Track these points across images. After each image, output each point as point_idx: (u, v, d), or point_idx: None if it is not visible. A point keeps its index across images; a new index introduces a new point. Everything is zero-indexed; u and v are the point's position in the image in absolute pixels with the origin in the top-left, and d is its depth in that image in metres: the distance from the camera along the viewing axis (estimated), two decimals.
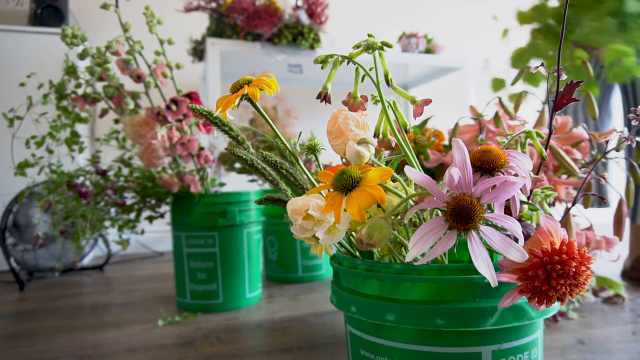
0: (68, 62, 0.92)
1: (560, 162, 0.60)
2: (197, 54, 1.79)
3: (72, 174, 0.96)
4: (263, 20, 1.59)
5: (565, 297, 0.32)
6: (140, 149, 0.89)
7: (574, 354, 0.68)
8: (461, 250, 0.39)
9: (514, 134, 0.44)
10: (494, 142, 0.72)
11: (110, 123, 1.21)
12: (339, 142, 0.42)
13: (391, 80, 0.41)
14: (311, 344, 0.75)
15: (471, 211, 0.32)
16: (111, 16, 1.12)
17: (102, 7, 0.84)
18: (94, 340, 0.81)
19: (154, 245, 1.90)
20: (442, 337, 0.37)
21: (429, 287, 0.36)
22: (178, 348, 0.75)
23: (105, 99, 0.93)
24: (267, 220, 1.24)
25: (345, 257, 0.44)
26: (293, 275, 1.21)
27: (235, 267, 0.96)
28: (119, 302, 1.07)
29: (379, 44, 0.40)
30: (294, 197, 0.41)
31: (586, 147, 0.73)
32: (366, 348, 0.41)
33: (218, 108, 0.42)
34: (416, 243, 0.33)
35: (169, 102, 0.87)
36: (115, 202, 0.95)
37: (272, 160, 0.46)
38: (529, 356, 0.38)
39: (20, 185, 1.35)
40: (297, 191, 0.48)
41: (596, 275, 0.97)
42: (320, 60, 0.40)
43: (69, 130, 0.97)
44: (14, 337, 0.84)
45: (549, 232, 0.33)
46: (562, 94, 0.44)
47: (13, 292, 1.21)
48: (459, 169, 0.34)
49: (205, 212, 0.94)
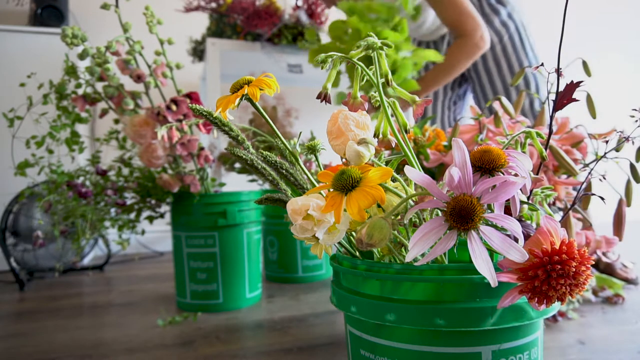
0: (68, 62, 0.92)
1: (560, 162, 0.60)
2: (197, 54, 1.79)
3: (72, 174, 0.96)
4: (263, 20, 1.59)
5: (565, 297, 0.32)
6: (140, 149, 0.89)
7: (574, 354, 0.68)
8: (461, 250, 0.38)
9: (514, 134, 0.44)
10: (494, 142, 0.72)
11: (110, 123, 1.21)
12: (339, 142, 0.42)
13: (391, 80, 0.41)
14: (311, 344, 0.75)
15: (471, 211, 0.32)
16: (111, 16, 1.12)
17: (102, 7, 0.84)
18: (94, 340, 0.81)
19: (154, 245, 1.90)
20: (442, 337, 0.37)
21: (429, 287, 0.36)
22: (178, 348, 0.75)
23: (105, 99, 0.93)
24: (267, 220, 1.24)
25: (345, 257, 0.44)
26: (293, 275, 1.21)
27: (235, 267, 0.96)
28: (119, 302, 1.07)
29: (378, 44, 0.40)
30: (294, 197, 0.41)
31: (586, 147, 0.73)
32: (366, 348, 0.41)
33: (218, 108, 0.42)
34: (416, 243, 0.33)
35: (169, 102, 0.87)
36: (115, 202, 0.95)
37: (272, 160, 0.46)
38: (529, 356, 0.38)
39: (20, 185, 1.35)
40: (297, 191, 0.48)
41: (596, 275, 0.97)
42: (320, 60, 0.40)
43: (69, 130, 0.97)
44: (14, 337, 0.84)
45: (549, 232, 0.33)
46: (562, 94, 0.44)
47: (13, 292, 1.21)
48: (459, 169, 0.34)
49: (205, 212, 0.94)
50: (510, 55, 1.37)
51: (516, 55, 1.37)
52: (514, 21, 1.37)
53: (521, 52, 1.37)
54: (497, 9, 1.37)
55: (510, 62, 1.37)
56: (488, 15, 1.38)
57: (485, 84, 1.41)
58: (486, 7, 1.38)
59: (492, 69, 1.40)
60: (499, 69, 1.38)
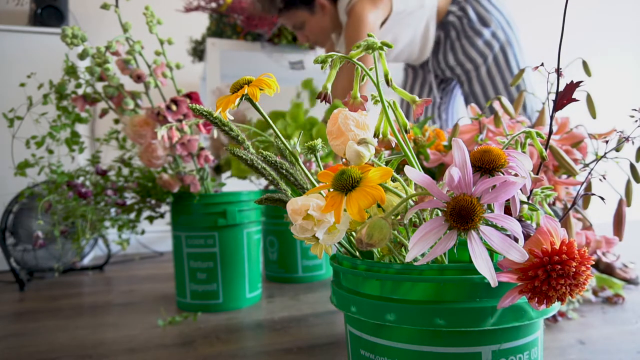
0: (68, 62, 0.92)
1: (560, 162, 0.60)
2: (197, 54, 1.79)
3: (72, 174, 0.96)
4: (263, 20, 1.59)
5: (565, 297, 0.32)
6: (140, 149, 0.89)
7: (574, 354, 0.68)
8: (461, 250, 0.39)
9: (514, 134, 0.44)
10: (494, 142, 0.72)
11: (110, 123, 1.21)
12: (339, 142, 0.42)
13: (391, 80, 0.41)
14: (311, 344, 0.75)
15: (471, 211, 0.32)
16: (111, 16, 1.12)
17: (102, 7, 0.84)
18: (94, 340, 0.81)
19: (154, 245, 1.90)
20: (442, 337, 0.37)
21: (429, 287, 0.36)
22: (178, 348, 0.75)
23: (105, 99, 0.93)
24: (267, 220, 1.24)
25: (345, 257, 0.44)
26: (293, 275, 1.21)
27: (235, 267, 0.96)
28: (119, 302, 1.07)
29: (378, 44, 0.40)
30: (294, 197, 0.41)
31: (586, 147, 0.73)
32: (366, 348, 0.41)
33: (218, 108, 0.42)
34: (416, 243, 0.33)
35: (169, 102, 0.87)
36: (115, 202, 0.95)
37: (272, 160, 0.46)
38: (529, 356, 0.38)
39: (20, 185, 1.35)
40: (297, 191, 0.48)
41: (596, 275, 0.97)
42: (320, 60, 0.40)
43: (69, 130, 0.97)
44: (14, 337, 0.84)
45: (549, 232, 0.33)
46: (562, 94, 0.44)
47: (13, 292, 1.21)
48: (459, 169, 0.34)
49: (205, 212, 0.94)
50: (494, 76, 1.38)
51: (500, 75, 1.37)
52: (498, 40, 1.37)
53: (506, 72, 1.37)
54: (480, 30, 1.38)
55: (494, 82, 1.38)
56: (471, 38, 1.38)
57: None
58: (468, 29, 1.39)
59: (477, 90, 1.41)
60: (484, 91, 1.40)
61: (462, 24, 1.39)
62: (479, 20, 1.38)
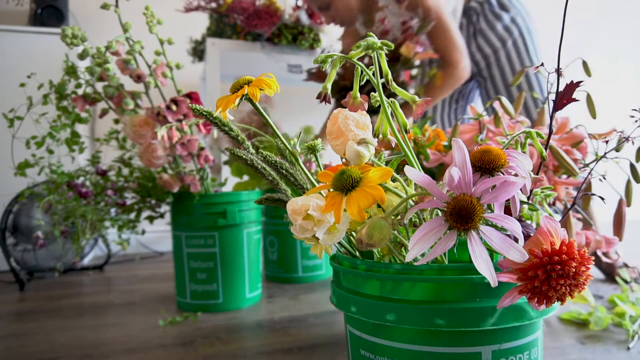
0: (68, 62, 0.92)
1: (560, 162, 0.60)
2: (197, 54, 1.79)
3: (72, 174, 0.96)
4: (263, 20, 1.59)
5: (565, 297, 0.32)
6: (140, 149, 0.89)
7: (574, 354, 0.68)
8: (461, 250, 0.38)
9: (514, 134, 0.44)
10: (494, 142, 0.72)
11: (110, 123, 1.21)
12: (339, 142, 0.42)
13: (391, 80, 0.41)
14: (311, 344, 0.75)
15: (471, 211, 0.32)
16: (111, 16, 1.12)
17: (102, 7, 0.84)
18: (94, 340, 0.81)
19: (154, 245, 1.90)
20: (442, 337, 0.37)
21: (429, 287, 0.36)
22: (178, 348, 0.75)
23: (105, 99, 0.93)
24: (267, 220, 1.24)
25: (345, 257, 0.44)
26: (293, 275, 1.21)
27: (235, 267, 0.96)
28: (119, 302, 1.07)
29: (378, 44, 0.40)
30: (294, 197, 0.41)
31: (586, 147, 0.73)
32: (366, 348, 0.41)
33: (218, 108, 0.42)
34: (416, 243, 0.33)
35: (169, 102, 0.87)
36: (115, 202, 0.95)
37: (272, 160, 0.46)
38: (529, 356, 0.38)
39: (20, 185, 1.35)
40: (297, 191, 0.48)
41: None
42: (320, 60, 0.40)
43: (69, 130, 0.97)
44: (14, 337, 0.84)
45: (549, 232, 0.33)
46: (562, 94, 0.44)
47: (13, 292, 1.21)
48: (459, 169, 0.34)
49: (205, 212, 0.94)
50: (514, 61, 1.39)
51: (520, 60, 1.38)
52: (517, 26, 1.38)
53: (525, 57, 1.38)
54: (499, 14, 1.39)
55: (514, 67, 1.38)
56: (491, 22, 1.39)
57: (490, 90, 1.44)
58: (488, 13, 1.40)
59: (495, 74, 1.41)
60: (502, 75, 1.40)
61: (483, 8, 1.41)
62: (498, 5, 1.40)
